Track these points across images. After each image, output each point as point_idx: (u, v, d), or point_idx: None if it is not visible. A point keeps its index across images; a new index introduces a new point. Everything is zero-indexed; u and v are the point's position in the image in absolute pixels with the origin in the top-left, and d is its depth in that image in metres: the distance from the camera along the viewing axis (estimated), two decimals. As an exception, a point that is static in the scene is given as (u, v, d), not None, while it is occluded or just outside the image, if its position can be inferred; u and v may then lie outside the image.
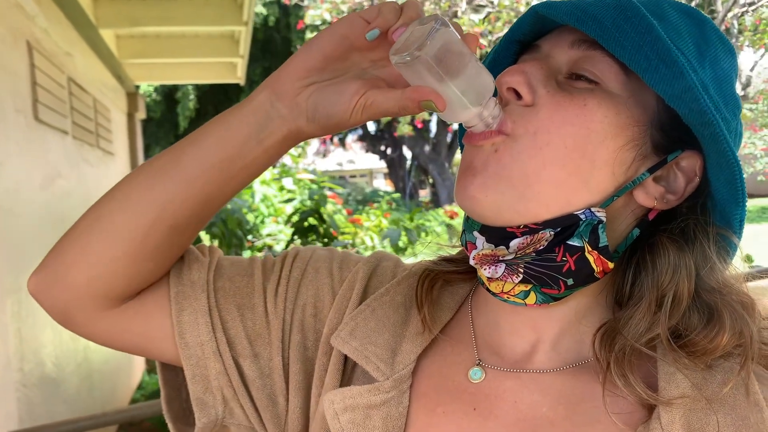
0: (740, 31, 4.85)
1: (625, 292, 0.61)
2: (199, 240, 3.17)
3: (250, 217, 4.07)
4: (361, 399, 0.61)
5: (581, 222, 0.56)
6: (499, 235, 0.57)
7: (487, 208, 0.57)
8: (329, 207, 3.63)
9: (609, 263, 0.58)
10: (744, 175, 0.56)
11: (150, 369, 6.07)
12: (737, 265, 0.61)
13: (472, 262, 0.60)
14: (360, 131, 20.06)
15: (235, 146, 0.61)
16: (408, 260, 0.77)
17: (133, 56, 5.66)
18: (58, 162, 3.56)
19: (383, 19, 0.56)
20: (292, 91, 0.59)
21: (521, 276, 0.58)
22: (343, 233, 3.56)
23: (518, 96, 0.57)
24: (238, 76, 6.64)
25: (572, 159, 0.55)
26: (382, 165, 24.82)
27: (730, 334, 0.55)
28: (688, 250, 0.57)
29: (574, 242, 0.56)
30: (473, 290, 0.71)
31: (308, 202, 3.26)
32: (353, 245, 3.67)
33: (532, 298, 0.59)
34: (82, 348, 3.81)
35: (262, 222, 4.12)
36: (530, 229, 0.56)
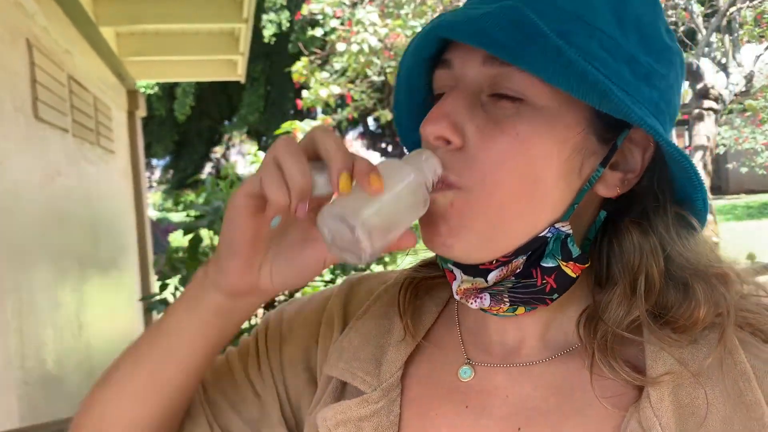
0: (741, 25, 4.85)
1: (603, 273, 0.61)
2: (199, 240, 3.16)
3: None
4: (351, 413, 0.62)
5: (549, 239, 0.56)
6: (474, 271, 0.58)
7: (457, 254, 0.57)
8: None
9: (585, 264, 0.58)
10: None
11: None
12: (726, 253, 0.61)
13: (456, 297, 0.60)
14: (361, 128, 20.04)
15: (209, 350, 0.64)
16: (401, 264, 0.77)
17: (134, 54, 5.65)
18: (59, 160, 3.56)
19: (275, 204, 0.52)
20: (249, 284, 0.58)
21: (507, 304, 0.59)
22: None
23: (448, 141, 0.55)
24: (239, 74, 6.64)
25: (525, 189, 0.55)
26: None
27: (706, 307, 0.55)
28: (651, 231, 0.57)
29: (548, 263, 0.57)
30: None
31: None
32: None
33: (521, 310, 0.60)
34: (83, 346, 3.81)
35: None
36: (503, 262, 0.57)
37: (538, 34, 0.50)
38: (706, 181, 4.53)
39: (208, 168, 18.96)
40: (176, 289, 3.77)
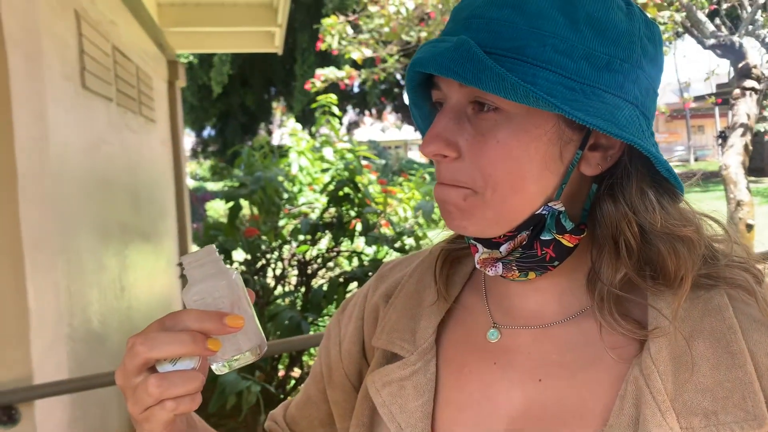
0: (764, 25, 4.73)
1: (598, 239, 0.70)
2: (239, 208, 3.26)
3: (288, 185, 4.15)
4: (394, 374, 0.74)
5: (546, 216, 0.66)
6: (490, 244, 0.68)
7: (472, 233, 0.68)
8: (365, 177, 3.69)
9: (580, 236, 0.68)
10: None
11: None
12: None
13: (477, 266, 0.71)
14: (396, 102, 19.96)
15: None
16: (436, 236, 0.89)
17: (174, 24, 5.74)
18: (103, 128, 3.69)
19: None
20: None
21: (517, 271, 0.69)
22: (376, 203, 3.63)
23: (444, 155, 0.66)
24: (276, 45, 6.70)
25: (517, 183, 0.64)
26: (417, 137, 24.71)
27: (674, 263, 0.64)
28: (621, 199, 0.66)
29: (546, 236, 0.67)
30: None
31: (345, 172, 3.33)
32: (386, 216, 3.74)
33: (532, 275, 0.69)
34: (125, 307, 3.98)
35: (300, 191, 4.20)
36: (509, 236, 0.67)
37: (484, 63, 0.59)
38: (745, 162, 4.45)
39: (250, 139, 19.10)
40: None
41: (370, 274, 3.12)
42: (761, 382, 0.61)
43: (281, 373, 3.51)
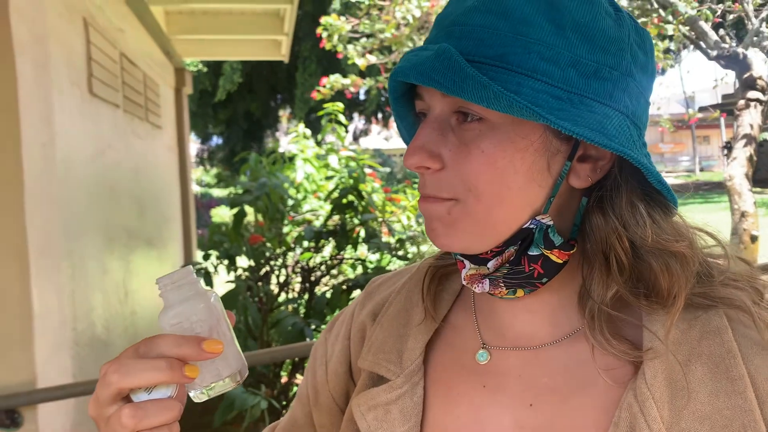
0: None
1: (588, 255, 0.67)
2: (243, 214, 3.28)
3: (292, 192, 4.17)
4: (379, 398, 0.72)
5: (534, 230, 0.63)
6: (476, 259, 0.66)
7: (458, 249, 0.65)
8: (369, 185, 3.70)
9: (570, 251, 0.65)
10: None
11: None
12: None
13: (464, 282, 0.68)
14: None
15: None
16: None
17: (182, 32, 5.79)
18: (110, 134, 3.72)
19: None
20: None
21: (504, 288, 0.66)
22: (380, 211, 3.64)
23: (427, 167, 0.64)
24: (282, 54, 6.74)
25: (502, 194, 0.62)
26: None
27: (667, 280, 0.61)
28: (610, 213, 0.63)
29: (533, 252, 0.63)
30: None
31: (349, 180, 3.34)
32: (388, 225, 3.74)
33: (520, 292, 0.66)
34: (129, 313, 4.00)
35: (305, 198, 4.22)
36: (497, 252, 0.64)
37: (465, 72, 0.57)
38: (749, 172, 4.44)
39: (257, 147, 19.19)
40: (218, 260, 3.92)
41: (373, 281, 3.12)
42: (762, 410, 0.58)
43: (284, 379, 3.51)
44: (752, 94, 4.38)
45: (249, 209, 3.50)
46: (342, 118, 5.07)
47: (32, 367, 2.24)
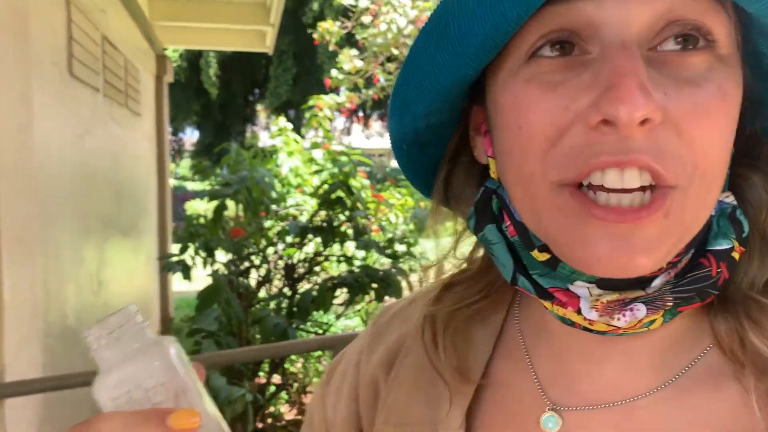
0: None
1: None
2: (224, 207, 3.18)
3: (277, 186, 4.07)
4: None
5: (713, 218, 0.45)
6: (628, 283, 0.43)
7: (644, 271, 0.41)
8: (358, 181, 3.63)
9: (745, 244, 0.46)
10: None
11: (164, 332, 6.15)
12: None
13: (591, 315, 0.44)
14: (382, 110, 19.96)
15: None
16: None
17: (164, 18, 5.65)
18: (89, 119, 3.58)
19: None
20: None
21: (671, 305, 0.44)
22: (367, 208, 3.57)
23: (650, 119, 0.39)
24: (267, 46, 6.62)
25: (725, 168, 0.43)
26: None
27: None
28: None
29: (723, 245, 0.44)
30: (513, 312, 0.57)
31: (339, 175, 3.25)
32: (377, 221, 3.67)
33: (659, 321, 0.44)
34: (101, 304, 3.86)
35: (288, 192, 4.13)
36: (673, 262, 0.44)
37: None
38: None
39: (234, 140, 19.00)
40: (196, 252, 3.80)
41: (359, 280, 3.05)
42: None
43: (262, 380, 3.42)
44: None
45: (230, 202, 3.40)
46: (328, 112, 4.99)
47: (0, 359, 2.12)
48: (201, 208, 15.25)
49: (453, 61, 0.43)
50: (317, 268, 3.73)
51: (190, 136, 20.68)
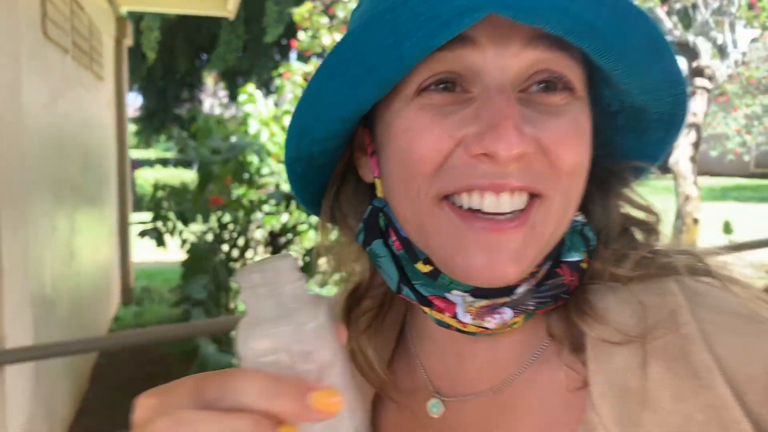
0: (738, 8, 4.96)
1: None
2: (210, 176, 3.15)
3: (250, 154, 4.03)
4: None
5: (565, 235, 0.53)
6: (497, 291, 0.51)
7: (511, 280, 0.49)
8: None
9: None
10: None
11: (125, 302, 6.03)
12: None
13: (466, 319, 0.52)
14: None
15: None
16: None
17: (124, -21, 5.44)
18: (60, 83, 3.45)
19: None
20: None
21: (532, 309, 0.52)
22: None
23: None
24: (229, 10, 6.45)
25: (581, 191, 0.52)
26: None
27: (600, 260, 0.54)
28: (612, 199, 0.57)
29: (574, 257, 0.53)
30: (409, 315, 0.64)
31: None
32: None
33: (520, 322, 0.53)
34: (74, 273, 3.77)
35: (263, 161, 4.10)
36: (534, 273, 0.52)
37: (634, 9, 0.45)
38: (695, 156, 4.67)
39: (178, 106, 18.36)
40: (170, 220, 3.73)
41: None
42: (743, 401, 0.45)
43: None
44: (700, 81, 4.59)
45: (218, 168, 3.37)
46: (298, 79, 4.94)
47: (1, 327, 2.07)
48: (150, 177, 14.82)
49: (355, 93, 0.50)
50: (297, 238, 3.74)
51: (134, 101, 19.99)
